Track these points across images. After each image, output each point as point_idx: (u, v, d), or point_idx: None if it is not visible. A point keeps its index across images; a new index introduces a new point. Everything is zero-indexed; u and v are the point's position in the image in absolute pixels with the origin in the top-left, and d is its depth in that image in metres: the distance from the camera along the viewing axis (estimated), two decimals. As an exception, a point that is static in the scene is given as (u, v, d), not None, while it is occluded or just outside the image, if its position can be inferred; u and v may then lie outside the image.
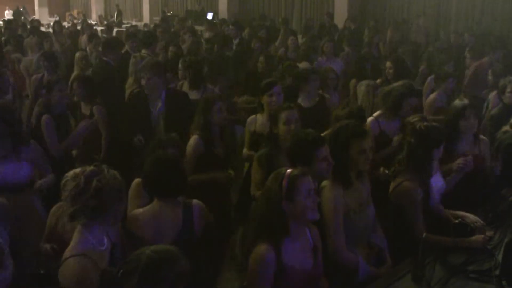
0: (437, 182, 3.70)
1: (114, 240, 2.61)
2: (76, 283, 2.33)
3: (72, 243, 2.47)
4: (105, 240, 2.53)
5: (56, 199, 3.07)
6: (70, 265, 2.37)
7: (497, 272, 2.89)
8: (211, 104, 4.30)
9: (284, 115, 3.84)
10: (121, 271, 2.08)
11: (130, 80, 6.21)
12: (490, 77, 6.47)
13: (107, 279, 2.19)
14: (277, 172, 2.67)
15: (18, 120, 3.99)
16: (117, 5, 20.26)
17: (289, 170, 2.64)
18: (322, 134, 3.55)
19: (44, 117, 4.78)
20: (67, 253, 2.43)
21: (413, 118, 4.02)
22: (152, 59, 5.79)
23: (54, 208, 3.16)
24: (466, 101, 4.16)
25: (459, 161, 3.75)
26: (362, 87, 5.17)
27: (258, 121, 4.66)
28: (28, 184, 3.85)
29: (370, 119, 4.67)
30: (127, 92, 6.09)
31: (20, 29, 12.52)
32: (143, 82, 5.07)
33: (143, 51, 7.15)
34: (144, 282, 2.02)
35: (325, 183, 3.17)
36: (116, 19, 17.92)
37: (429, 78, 6.42)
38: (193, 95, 5.57)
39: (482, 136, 4.25)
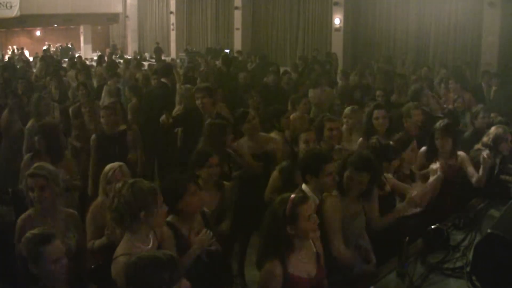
0: None
1: (159, 240, 2.62)
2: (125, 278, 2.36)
3: (120, 244, 2.51)
4: (151, 239, 2.56)
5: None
6: (119, 263, 2.39)
7: (468, 269, 2.92)
8: (226, 129, 4.19)
9: (303, 136, 3.99)
10: None
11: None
12: None
13: None
14: (282, 198, 2.55)
15: (58, 137, 4.16)
16: (157, 43, 20.21)
17: (292, 196, 2.52)
18: None
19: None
20: (117, 252, 2.47)
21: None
22: (204, 84, 5.97)
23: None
24: (445, 121, 4.26)
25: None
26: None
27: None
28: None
29: (360, 140, 4.62)
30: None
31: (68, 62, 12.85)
32: (198, 102, 4.95)
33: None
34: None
35: (326, 194, 3.14)
36: (155, 55, 17.79)
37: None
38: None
39: (460, 152, 4.20)
